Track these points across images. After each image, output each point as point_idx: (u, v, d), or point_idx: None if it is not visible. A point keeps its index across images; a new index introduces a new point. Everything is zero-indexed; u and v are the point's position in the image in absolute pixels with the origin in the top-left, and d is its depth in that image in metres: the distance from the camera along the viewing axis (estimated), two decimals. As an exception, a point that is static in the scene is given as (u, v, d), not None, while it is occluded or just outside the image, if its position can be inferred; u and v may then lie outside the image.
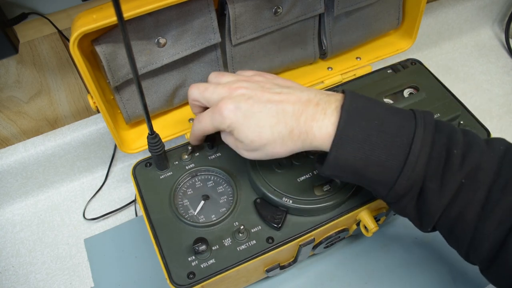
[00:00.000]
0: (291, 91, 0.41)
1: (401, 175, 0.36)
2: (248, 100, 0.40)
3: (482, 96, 0.81)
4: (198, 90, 0.44)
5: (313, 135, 0.39)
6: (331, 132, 0.38)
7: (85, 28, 0.40)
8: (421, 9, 0.61)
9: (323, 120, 0.38)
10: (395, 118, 0.38)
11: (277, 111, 0.40)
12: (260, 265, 0.48)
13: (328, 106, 0.39)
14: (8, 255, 0.62)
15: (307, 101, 0.40)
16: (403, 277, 0.58)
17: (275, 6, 0.52)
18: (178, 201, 0.49)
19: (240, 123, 0.40)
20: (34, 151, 0.62)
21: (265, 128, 0.40)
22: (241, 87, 0.42)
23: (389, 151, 0.37)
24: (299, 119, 0.39)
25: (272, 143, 0.40)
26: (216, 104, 0.42)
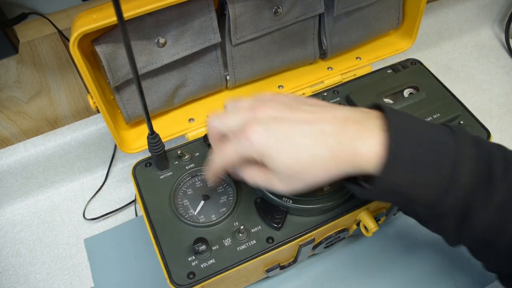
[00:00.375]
0: (323, 109, 0.37)
1: (448, 195, 0.35)
2: (277, 120, 0.36)
3: (482, 96, 0.81)
4: (217, 118, 0.40)
5: (359, 156, 0.35)
6: (379, 152, 0.34)
7: (85, 28, 0.40)
8: (421, 9, 0.61)
9: (369, 139, 0.35)
10: (437, 134, 0.36)
11: (313, 131, 0.35)
12: (260, 265, 0.48)
13: (370, 123, 0.36)
14: (8, 255, 0.62)
15: (345, 119, 0.36)
16: (403, 277, 0.58)
17: (275, 6, 0.52)
18: (178, 201, 0.49)
19: (273, 147, 0.35)
20: (34, 151, 0.62)
21: (303, 151, 0.35)
22: (266, 107, 0.37)
23: (436, 170, 0.35)
24: (341, 139, 0.35)
25: (313, 167, 0.35)
26: (240, 130, 0.37)
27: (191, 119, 0.58)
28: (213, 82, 0.57)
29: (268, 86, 0.62)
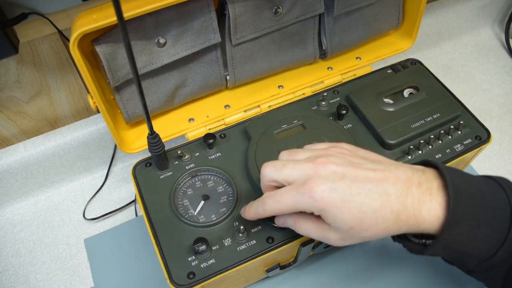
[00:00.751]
0: (385, 167, 0.38)
1: (501, 248, 0.35)
2: (343, 179, 0.36)
3: (482, 96, 0.81)
4: (274, 168, 0.39)
5: (422, 219, 0.35)
6: (440, 213, 0.35)
7: (85, 28, 0.40)
8: (421, 9, 0.61)
9: (431, 201, 0.36)
10: (488, 188, 0.37)
11: (378, 192, 0.35)
12: (260, 265, 0.48)
13: (431, 186, 0.36)
14: (8, 255, 0.62)
15: (407, 181, 0.36)
16: (403, 277, 0.58)
17: (275, 6, 0.52)
18: (178, 201, 0.49)
19: (338, 207, 0.35)
20: (34, 151, 0.62)
21: (368, 213, 0.35)
22: (329, 162, 0.37)
23: (492, 225, 0.36)
24: (405, 202, 0.35)
25: (375, 228, 0.36)
26: (302, 184, 0.36)
27: (191, 119, 0.58)
28: (213, 82, 0.57)
29: (268, 86, 0.62)
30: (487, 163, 0.71)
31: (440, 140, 0.53)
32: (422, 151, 0.52)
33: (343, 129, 0.53)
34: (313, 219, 0.39)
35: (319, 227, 0.38)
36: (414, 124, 0.53)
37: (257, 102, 0.60)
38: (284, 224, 0.42)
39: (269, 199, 0.39)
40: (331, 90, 0.59)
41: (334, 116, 0.56)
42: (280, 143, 0.51)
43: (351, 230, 0.36)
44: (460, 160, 0.53)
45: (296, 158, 0.40)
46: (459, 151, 0.53)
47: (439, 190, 0.36)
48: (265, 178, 0.40)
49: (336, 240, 0.38)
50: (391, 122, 0.53)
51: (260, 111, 0.59)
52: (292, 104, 0.57)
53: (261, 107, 0.60)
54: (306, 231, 0.39)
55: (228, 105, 0.59)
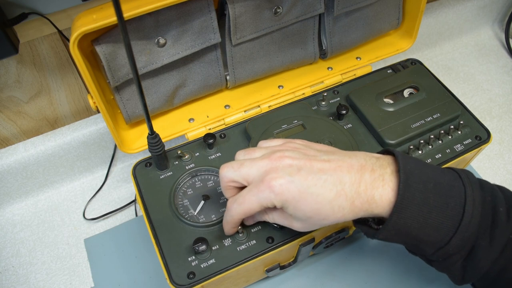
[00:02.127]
0: (339, 157, 0.39)
1: (455, 235, 0.37)
2: (299, 171, 0.37)
3: (482, 96, 0.81)
4: (232, 168, 0.40)
5: (375, 203, 0.37)
6: (391, 197, 0.37)
7: (85, 28, 0.40)
8: (421, 9, 0.61)
9: (383, 187, 0.37)
10: (445, 178, 0.38)
11: (333, 182, 0.37)
12: (260, 265, 0.48)
13: (384, 172, 0.38)
14: (8, 255, 0.62)
15: (361, 168, 0.38)
16: (403, 277, 0.58)
17: (275, 6, 0.52)
18: (178, 201, 0.49)
19: (296, 199, 0.37)
20: (34, 151, 0.62)
21: (324, 204, 0.37)
22: (285, 156, 0.38)
23: (445, 213, 0.37)
24: (358, 189, 0.37)
25: (332, 217, 0.38)
26: (261, 180, 0.38)
27: (191, 119, 0.58)
28: (213, 82, 0.57)
29: (268, 86, 0.62)
30: (487, 163, 0.71)
31: (440, 140, 0.53)
32: (422, 151, 0.52)
33: (343, 129, 0.53)
34: (278, 210, 0.41)
35: (284, 216, 0.40)
36: (414, 124, 0.53)
37: (257, 102, 0.60)
38: (254, 220, 0.44)
39: (233, 204, 0.40)
40: (331, 90, 0.59)
41: (334, 116, 0.56)
42: (280, 143, 0.51)
43: (310, 219, 0.38)
44: (460, 160, 0.53)
45: (252, 156, 0.41)
46: (459, 151, 0.53)
47: (392, 176, 0.38)
48: (224, 179, 0.41)
49: (300, 227, 0.40)
50: (391, 122, 0.53)
51: (260, 111, 0.59)
52: (292, 104, 0.57)
53: (261, 107, 0.60)
54: (273, 219, 0.42)
55: (228, 105, 0.59)
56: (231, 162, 0.41)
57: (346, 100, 0.58)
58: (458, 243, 0.37)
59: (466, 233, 0.36)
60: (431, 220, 0.37)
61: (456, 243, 0.37)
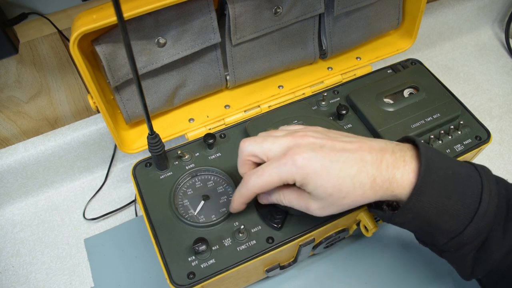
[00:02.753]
0: (359, 139, 0.39)
1: (470, 224, 0.37)
2: (322, 148, 0.37)
3: (482, 96, 0.81)
4: (254, 142, 0.40)
5: (396, 183, 0.37)
6: (412, 179, 0.37)
7: (85, 28, 0.40)
8: (421, 9, 0.61)
9: (404, 167, 0.37)
10: (462, 169, 0.39)
11: (355, 160, 0.37)
12: (260, 265, 0.48)
13: (404, 154, 0.38)
14: (8, 255, 0.62)
15: (382, 150, 0.38)
16: (403, 277, 0.58)
17: (275, 6, 0.52)
18: (178, 201, 0.49)
19: (318, 173, 0.36)
20: (34, 151, 0.62)
21: (346, 179, 0.37)
22: (308, 135, 0.39)
23: (462, 200, 0.37)
24: (380, 167, 0.37)
25: (352, 195, 0.37)
26: (283, 154, 0.38)
27: (191, 119, 0.58)
28: (213, 82, 0.57)
29: (268, 86, 0.62)
30: (487, 163, 0.71)
31: (440, 140, 0.53)
32: (422, 151, 0.52)
33: (343, 129, 0.53)
34: (296, 189, 0.40)
35: (301, 197, 0.40)
36: (414, 124, 0.53)
37: (257, 102, 0.60)
38: (268, 200, 0.43)
39: (251, 176, 0.39)
40: (331, 90, 0.59)
41: (334, 116, 0.56)
42: (280, 143, 0.51)
43: (330, 197, 0.37)
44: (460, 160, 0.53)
45: (274, 133, 0.41)
46: (459, 151, 0.53)
47: (413, 158, 0.38)
48: (245, 152, 0.40)
49: (317, 209, 0.39)
50: (391, 122, 0.53)
51: (260, 111, 0.59)
52: (292, 104, 0.57)
53: (261, 107, 0.60)
54: (290, 201, 0.41)
55: (228, 105, 0.59)
56: (253, 137, 0.41)
57: (346, 100, 0.58)
58: (473, 232, 0.37)
59: (481, 222, 0.37)
60: (449, 206, 0.37)
61: (471, 232, 0.37)
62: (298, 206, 0.40)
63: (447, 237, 0.38)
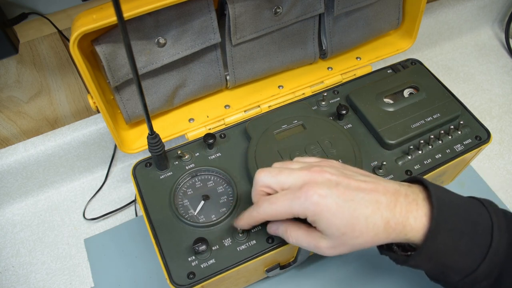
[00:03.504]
0: (374, 180, 0.39)
1: (483, 262, 0.37)
2: (337, 186, 0.37)
3: (482, 96, 0.81)
4: (270, 174, 0.40)
5: (410, 226, 0.37)
6: (425, 223, 0.37)
7: (85, 28, 0.40)
8: (421, 9, 0.61)
9: (417, 211, 0.37)
10: (470, 204, 0.39)
11: (370, 200, 0.37)
12: (260, 265, 0.48)
13: (417, 197, 0.38)
14: (8, 255, 0.62)
15: (396, 192, 0.38)
16: (403, 278, 0.58)
17: (275, 6, 0.52)
18: (178, 201, 0.49)
19: (332, 212, 0.36)
20: (34, 151, 0.62)
21: (360, 219, 0.36)
22: (324, 171, 0.38)
23: (474, 239, 0.37)
24: (394, 210, 0.37)
25: (365, 234, 0.37)
26: (299, 188, 0.37)
27: (191, 119, 0.58)
28: (213, 82, 0.57)
29: (268, 86, 0.62)
30: (487, 163, 0.71)
31: (440, 140, 0.53)
32: (422, 151, 0.52)
33: (343, 129, 0.53)
34: (304, 227, 0.40)
35: (310, 235, 0.39)
36: (414, 124, 0.53)
37: (257, 102, 0.60)
38: (276, 232, 0.43)
39: (264, 202, 0.40)
40: (331, 90, 0.59)
41: (334, 116, 0.56)
42: (280, 143, 0.51)
43: (342, 236, 0.37)
44: (460, 160, 0.53)
45: (290, 166, 0.41)
46: (459, 151, 0.53)
47: (425, 201, 0.38)
48: (260, 183, 0.40)
49: (327, 248, 0.38)
50: (391, 122, 0.53)
51: (260, 111, 0.59)
52: (292, 104, 0.57)
53: (261, 107, 0.60)
54: (296, 239, 0.40)
55: (228, 105, 0.59)
56: (269, 168, 0.41)
57: (346, 100, 0.58)
58: (487, 269, 0.37)
59: (494, 259, 0.37)
60: (462, 246, 0.37)
61: (484, 270, 0.37)
62: (306, 244, 0.40)
63: (460, 275, 0.38)
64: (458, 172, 0.61)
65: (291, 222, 0.41)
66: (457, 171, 0.60)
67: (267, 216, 0.40)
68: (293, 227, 0.40)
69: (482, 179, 0.69)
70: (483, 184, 0.68)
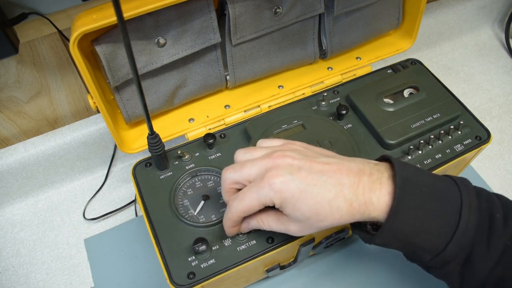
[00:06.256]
0: (338, 160, 0.39)
1: (451, 241, 0.37)
2: (299, 171, 0.37)
3: (482, 96, 0.81)
4: (233, 170, 0.40)
5: (372, 206, 0.37)
6: (388, 201, 0.37)
7: (85, 28, 0.40)
8: (421, 9, 0.61)
9: (380, 190, 0.37)
10: (441, 184, 0.38)
11: (332, 183, 0.37)
12: (260, 265, 0.48)
13: (381, 176, 0.38)
14: (8, 255, 0.62)
15: (359, 172, 0.38)
16: (403, 277, 0.58)
17: (275, 6, 0.52)
18: (178, 201, 0.49)
19: (296, 197, 0.37)
20: (34, 151, 0.62)
21: (323, 204, 0.37)
22: (286, 156, 0.38)
23: (441, 218, 0.37)
24: (357, 191, 0.37)
25: (330, 218, 0.37)
26: (261, 178, 0.38)
27: (191, 119, 0.58)
28: (213, 82, 0.57)
29: (268, 86, 0.62)
30: (487, 163, 0.71)
31: (440, 140, 0.53)
32: (422, 151, 0.52)
33: (343, 129, 0.53)
34: (274, 214, 0.41)
35: (280, 220, 0.40)
36: (414, 124, 0.53)
37: (257, 102, 0.60)
38: (249, 227, 0.43)
39: (233, 201, 0.40)
40: (331, 90, 0.59)
41: (334, 116, 0.56)
42: (280, 143, 0.51)
43: (308, 220, 0.38)
44: (460, 160, 0.53)
45: (253, 156, 0.41)
46: (459, 151, 0.53)
47: (389, 180, 0.38)
48: (227, 181, 0.41)
49: (296, 231, 0.39)
50: (391, 122, 0.53)
51: (260, 111, 0.59)
52: (292, 104, 0.57)
53: (261, 107, 0.60)
54: (269, 226, 0.41)
55: (228, 105, 0.59)
56: (232, 165, 0.41)
57: (346, 100, 0.58)
58: (455, 249, 0.37)
59: (462, 239, 0.37)
60: (427, 225, 0.37)
61: (452, 249, 0.37)
62: (277, 229, 0.41)
63: (430, 254, 0.38)
64: (458, 172, 0.61)
65: (261, 212, 0.41)
66: (457, 171, 0.60)
67: (241, 213, 0.40)
68: (263, 215, 0.41)
69: (482, 179, 0.69)
70: (483, 184, 0.68)
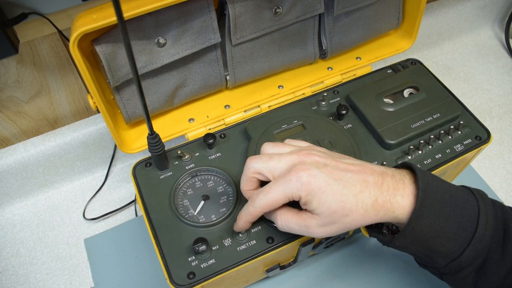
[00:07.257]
0: (361, 162, 0.41)
1: (468, 247, 0.37)
2: (326, 167, 0.38)
3: (482, 96, 0.81)
4: (260, 160, 0.41)
5: (396, 203, 0.38)
6: (411, 202, 0.38)
7: (85, 28, 0.40)
8: (421, 9, 0.61)
9: (404, 189, 0.38)
10: (459, 192, 0.39)
11: (358, 179, 0.38)
12: (260, 265, 0.48)
13: (403, 178, 0.39)
14: (8, 255, 0.62)
15: (382, 173, 0.39)
16: (403, 277, 0.58)
17: (275, 6, 0.52)
18: (178, 201, 0.49)
19: (322, 190, 0.37)
20: (34, 151, 0.62)
21: (349, 197, 0.37)
22: (312, 154, 0.40)
23: (459, 223, 0.38)
24: (381, 188, 0.38)
25: (355, 213, 0.38)
26: (288, 171, 0.38)
27: (191, 119, 0.58)
28: (213, 82, 0.57)
29: (268, 86, 0.62)
30: (487, 163, 0.71)
31: (440, 140, 0.53)
32: (422, 151, 0.52)
33: (343, 129, 0.53)
34: (294, 210, 0.41)
35: (300, 216, 0.40)
36: (414, 124, 0.53)
37: (257, 102, 0.60)
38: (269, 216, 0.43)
39: (258, 195, 0.40)
40: (331, 90, 0.59)
41: (334, 116, 0.56)
42: (280, 143, 0.51)
43: (333, 214, 0.38)
44: (460, 160, 0.53)
45: (281, 150, 0.42)
46: (459, 151, 0.53)
47: (411, 182, 0.39)
48: (251, 169, 0.41)
49: (317, 226, 0.39)
50: (391, 122, 0.53)
51: (260, 111, 0.59)
52: (292, 104, 0.57)
53: (261, 107, 0.60)
54: (287, 222, 0.41)
55: (228, 105, 0.59)
56: (259, 155, 0.42)
57: (346, 100, 0.58)
58: (471, 255, 0.37)
59: (479, 245, 0.37)
60: (447, 229, 0.37)
61: (469, 255, 0.37)
62: (296, 226, 0.40)
63: (446, 260, 0.39)
64: (458, 172, 0.61)
65: (280, 208, 0.41)
66: (457, 171, 0.60)
67: (265, 207, 0.40)
68: (282, 210, 0.41)
69: (482, 179, 0.69)
70: (483, 184, 0.68)
